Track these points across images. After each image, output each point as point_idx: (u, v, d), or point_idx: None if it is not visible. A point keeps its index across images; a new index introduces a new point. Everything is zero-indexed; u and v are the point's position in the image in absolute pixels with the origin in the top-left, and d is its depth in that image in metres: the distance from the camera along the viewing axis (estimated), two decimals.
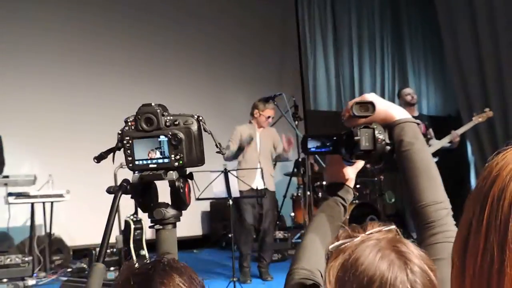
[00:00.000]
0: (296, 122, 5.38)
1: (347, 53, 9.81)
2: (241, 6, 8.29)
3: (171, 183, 1.25)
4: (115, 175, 4.58)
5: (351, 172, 1.33)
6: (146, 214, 1.34)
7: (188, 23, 7.75)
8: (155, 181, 1.30)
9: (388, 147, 1.19)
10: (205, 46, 7.83)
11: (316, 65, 9.46)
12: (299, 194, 6.86)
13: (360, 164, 1.33)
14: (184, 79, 7.59)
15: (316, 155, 4.88)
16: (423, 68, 10.73)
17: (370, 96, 1.21)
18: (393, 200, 8.38)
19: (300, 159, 6.63)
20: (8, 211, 5.24)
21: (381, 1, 10.20)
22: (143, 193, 1.29)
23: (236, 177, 4.23)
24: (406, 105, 5.65)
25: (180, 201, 1.28)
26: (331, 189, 1.31)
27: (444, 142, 5.53)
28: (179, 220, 1.33)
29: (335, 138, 1.26)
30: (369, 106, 1.18)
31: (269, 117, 5.08)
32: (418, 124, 1.20)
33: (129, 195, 1.30)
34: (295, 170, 6.99)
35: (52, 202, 5.45)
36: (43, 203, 5.43)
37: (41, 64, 6.60)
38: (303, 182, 6.43)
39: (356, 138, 1.17)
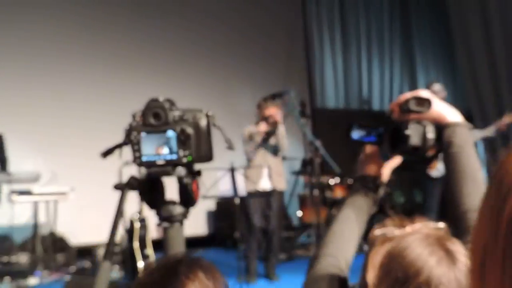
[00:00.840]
0: (304, 119, 5.37)
1: (355, 48, 9.75)
2: (247, 0, 8.28)
3: (179, 180, 1.24)
4: (120, 173, 4.58)
5: (386, 168, 1.33)
6: (151, 212, 1.34)
7: (193, 18, 7.74)
8: (163, 178, 1.29)
9: (435, 148, 1.20)
10: (209, 42, 7.82)
11: (323, 61, 9.40)
12: (306, 193, 6.84)
13: (396, 161, 1.33)
14: (188, 75, 7.58)
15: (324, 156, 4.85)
16: (432, 65, 10.68)
17: (425, 94, 1.21)
18: (401, 200, 8.37)
19: (307, 158, 6.62)
20: (11, 209, 5.25)
21: None
22: (150, 189, 1.29)
23: (243, 175, 4.21)
24: None
25: (188, 198, 1.27)
26: (364, 181, 1.31)
27: (490, 131, 5.37)
28: (186, 218, 1.33)
29: (381, 129, 1.26)
30: (426, 102, 1.19)
31: (270, 116, 4.97)
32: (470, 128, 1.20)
33: (136, 192, 1.30)
34: (302, 168, 6.98)
35: (55, 200, 5.46)
36: (47, 200, 5.44)
37: (45, 59, 6.59)
38: (310, 181, 6.42)
39: (406, 132, 1.17)
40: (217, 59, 7.85)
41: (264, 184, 4.77)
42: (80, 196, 5.67)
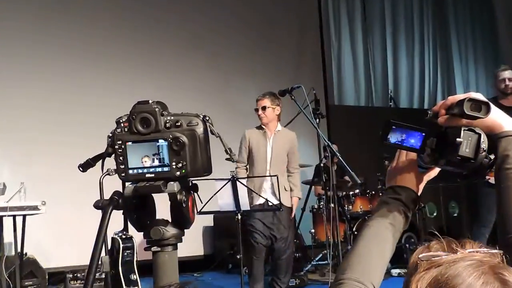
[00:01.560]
0: (317, 119, 5.37)
1: (378, 36, 9.76)
2: None
3: (172, 197, 1.25)
4: (100, 185, 4.59)
5: (422, 180, 1.34)
6: (140, 232, 1.35)
7: (189, 5, 7.77)
8: (153, 194, 1.30)
9: (486, 160, 1.20)
10: (208, 31, 7.84)
11: (341, 51, 9.42)
12: (321, 207, 6.83)
13: (434, 172, 1.34)
14: (185, 71, 7.60)
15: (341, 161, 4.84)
16: (471, 53, 10.65)
17: (479, 96, 1.20)
18: (434, 214, 8.37)
19: (322, 164, 6.62)
20: None
21: None
22: (138, 208, 1.30)
23: (247, 186, 4.21)
24: (499, 92, 5.46)
25: (182, 218, 1.28)
26: (396, 193, 1.31)
27: None
28: (180, 241, 1.34)
29: (424, 134, 1.25)
30: (483, 107, 1.18)
31: (257, 109, 5.04)
32: None
33: (121, 211, 1.31)
34: (316, 177, 6.97)
35: (24, 216, 5.46)
36: (14, 216, 5.45)
37: (15, 52, 6.63)
38: (325, 192, 6.41)
39: (458, 140, 1.17)
40: (216, 51, 7.87)
41: (269, 198, 4.79)
42: (53, 212, 5.68)
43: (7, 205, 5.29)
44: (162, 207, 1.34)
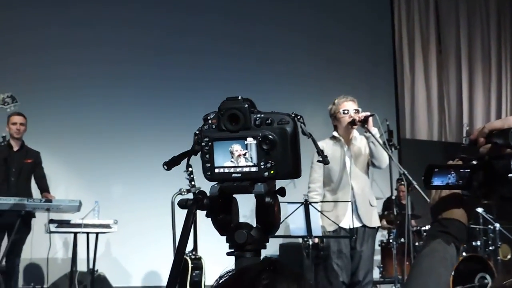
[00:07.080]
0: (391, 150, 5.21)
1: (454, 69, 9.59)
2: (326, 11, 8.33)
3: (259, 198, 1.16)
4: (172, 204, 4.62)
5: (469, 208, 1.29)
6: (207, 251, 1.27)
7: (267, 38, 7.88)
8: (235, 196, 1.23)
9: None
10: (286, 59, 7.90)
11: (415, 84, 9.28)
12: (391, 241, 6.62)
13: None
14: (259, 94, 7.63)
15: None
16: None
17: None
18: (509, 256, 7.91)
19: (393, 197, 6.43)
20: (49, 241, 5.39)
21: (499, 2, 9.89)
22: (221, 209, 1.22)
23: (320, 211, 4.07)
24: None
25: (268, 222, 1.20)
26: (444, 226, 1.27)
27: None
28: (264, 247, 1.25)
29: (468, 170, 1.20)
30: None
31: (346, 111, 4.50)
32: None
33: (205, 212, 1.24)
34: (386, 210, 6.79)
35: (97, 233, 5.55)
36: (87, 233, 5.54)
37: (93, 76, 6.87)
38: (396, 226, 6.20)
39: (510, 176, 1.11)
40: (288, 80, 7.90)
41: (350, 221, 4.29)
42: (125, 230, 5.75)
43: (82, 222, 5.39)
44: (241, 210, 1.27)
